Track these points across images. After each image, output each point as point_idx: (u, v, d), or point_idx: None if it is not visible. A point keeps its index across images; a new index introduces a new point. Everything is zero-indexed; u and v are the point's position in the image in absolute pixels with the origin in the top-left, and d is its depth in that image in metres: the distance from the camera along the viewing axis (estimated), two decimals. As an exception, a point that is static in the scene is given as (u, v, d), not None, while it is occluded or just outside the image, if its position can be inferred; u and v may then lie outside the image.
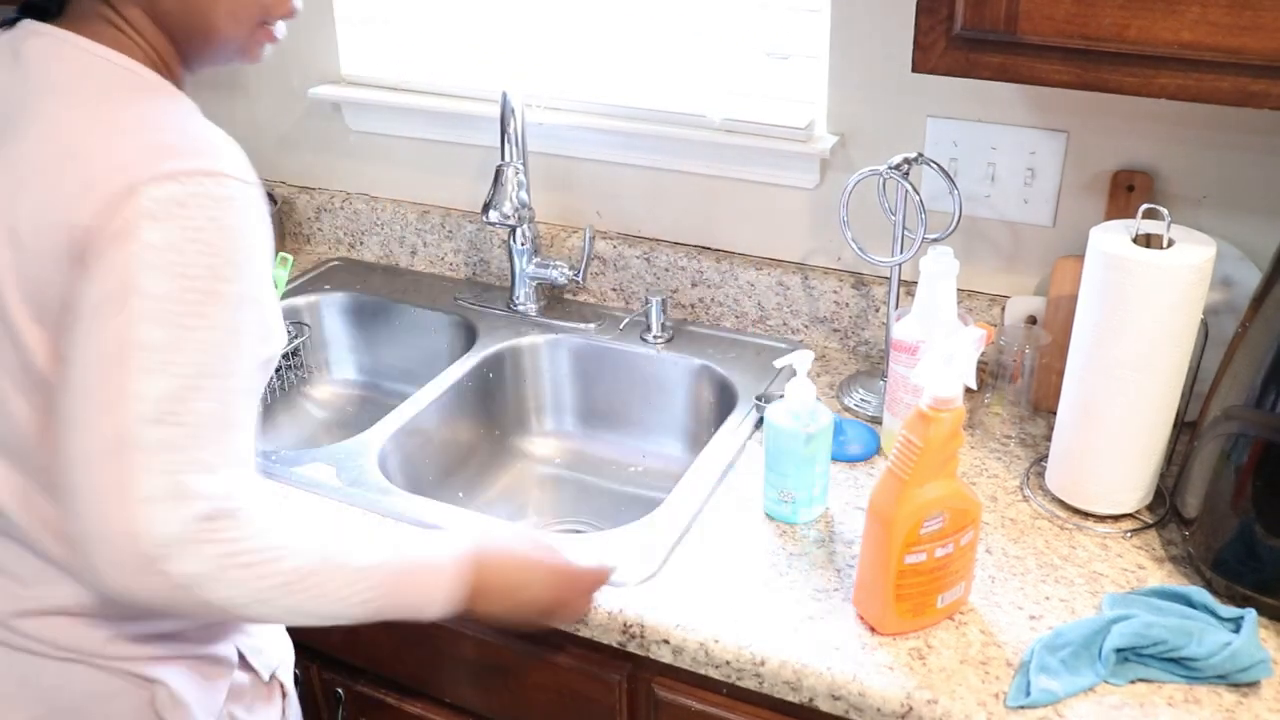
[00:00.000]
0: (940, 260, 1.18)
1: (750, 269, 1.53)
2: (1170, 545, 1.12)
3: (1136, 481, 1.13)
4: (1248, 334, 1.03)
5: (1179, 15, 0.92)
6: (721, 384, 1.47)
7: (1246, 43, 0.90)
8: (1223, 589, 1.04)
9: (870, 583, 1.01)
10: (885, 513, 0.96)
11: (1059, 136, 1.31)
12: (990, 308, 1.42)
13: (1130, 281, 1.03)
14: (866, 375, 1.44)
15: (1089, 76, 0.98)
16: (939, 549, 0.98)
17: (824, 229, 1.49)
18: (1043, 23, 0.97)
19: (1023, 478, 1.24)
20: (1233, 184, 1.26)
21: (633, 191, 1.59)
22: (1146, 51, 0.95)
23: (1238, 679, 0.94)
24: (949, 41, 1.02)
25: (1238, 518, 1.02)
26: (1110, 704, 0.93)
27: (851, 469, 1.26)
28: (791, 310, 1.54)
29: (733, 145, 1.47)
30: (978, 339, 0.99)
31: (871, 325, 1.49)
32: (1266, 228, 1.25)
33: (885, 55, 1.36)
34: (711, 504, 1.21)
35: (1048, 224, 1.37)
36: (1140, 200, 1.26)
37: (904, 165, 1.26)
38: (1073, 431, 1.14)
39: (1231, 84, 0.93)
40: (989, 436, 1.31)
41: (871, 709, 0.96)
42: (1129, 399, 1.08)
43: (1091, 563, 1.10)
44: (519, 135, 1.49)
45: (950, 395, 0.93)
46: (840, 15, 1.36)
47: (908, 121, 1.38)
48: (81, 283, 0.78)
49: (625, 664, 1.10)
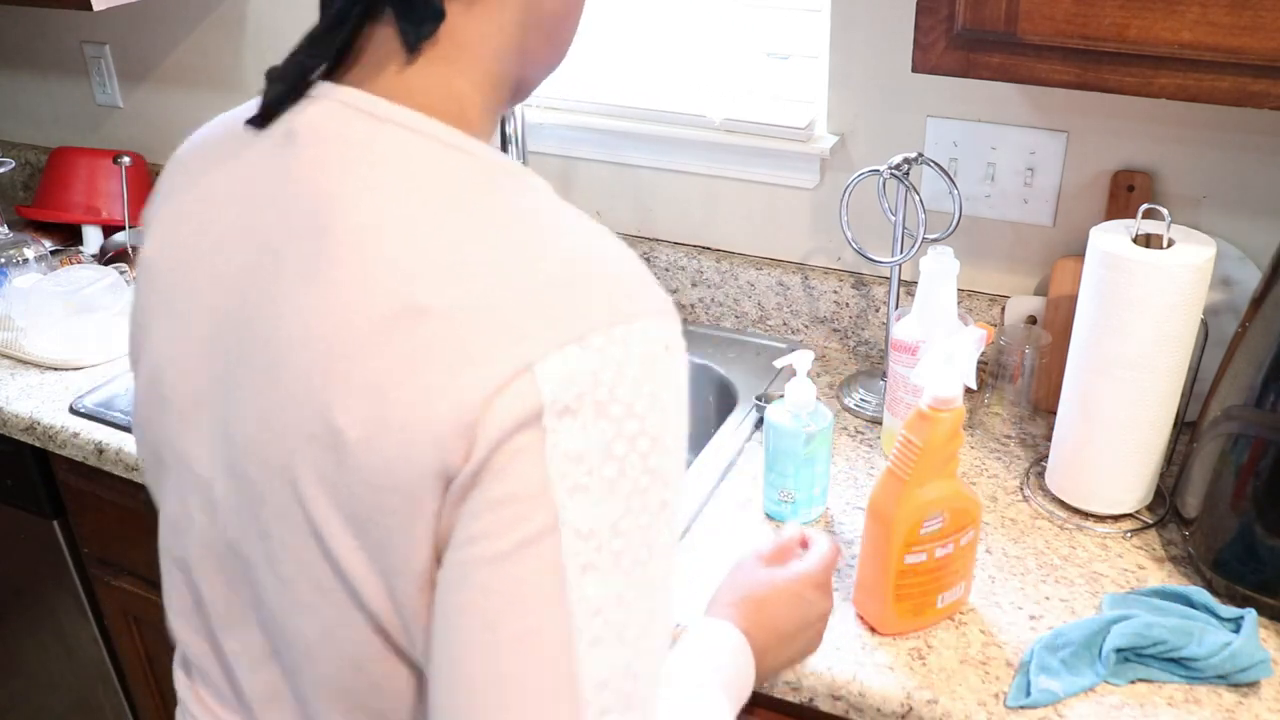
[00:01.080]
0: (940, 260, 1.18)
1: (750, 269, 1.53)
2: (1170, 545, 1.12)
3: (1136, 481, 1.13)
4: (1248, 334, 1.03)
5: (1179, 15, 0.92)
6: (721, 384, 1.47)
7: (1246, 43, 0.90)
8: (1223, 589, 1.04)
9: (870, 583, 1.01)
10: (885, 513, 0.96)
11: (1059, 136, 1.31)
12: (990, 308, 1.42)
13: (1130, 281, 1.04)
14: (866, 375, 1.44)
15: (1089, 76, 0.98)
16: (939, 549, 0.98)
17: (824, 229, 1.49)
18: (1042, 23, 0.97)
19: (1023, 478, 1.24)
20: (1233, 184, 1.26)
21: (633, 191, 1.59)
22: (1146, 51, 0.95)
23: (1238, 679, 0.94)
24: (949, 41, 1.02)
25: (1238, 517, 1.03)
26: (1110, 704, 0.93)
27: (851, 468, 1.26)
28: (791, 310, 1.54)
29: (733, 145, 1.47)
30: (978, 339, 0.99)
31: (871, 325, 1.49)
32: (1267, 228, 1.25)
33: (885, 55, 1.36)
34: (711, 504, 1.21)
35: (1048, 224, 1.37)
36: (1140, 200, 1.26)
37: (904, 165, 1.26)
38: (1073, 431, 1.14)
39: (1231, 84, 0.93)
40: (989, 436, 1.31)
41: (871, 709, 0.96)
42: (1129, 399, 1.08)
43: (1091, 563, 1.10)
44: (519, 135, 1.49)
45: (950, 395, 0.93)
46: (840, 15, 1.36)
47: (908, 121, 1.38)
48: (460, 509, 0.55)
49: (625, 664, 1.10)
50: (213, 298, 0.65)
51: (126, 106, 1.99)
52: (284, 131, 0.63)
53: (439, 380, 0.54)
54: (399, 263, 0.56)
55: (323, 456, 0.57)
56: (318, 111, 0.62)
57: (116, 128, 2.03)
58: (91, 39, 1.95)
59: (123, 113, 2.01)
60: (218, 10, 1.80)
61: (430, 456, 0.54)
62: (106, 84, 1.98)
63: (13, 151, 2.13)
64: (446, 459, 0.54)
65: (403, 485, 0.55)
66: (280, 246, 0.60)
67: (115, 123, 2.03)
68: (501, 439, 0.53)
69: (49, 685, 1.81)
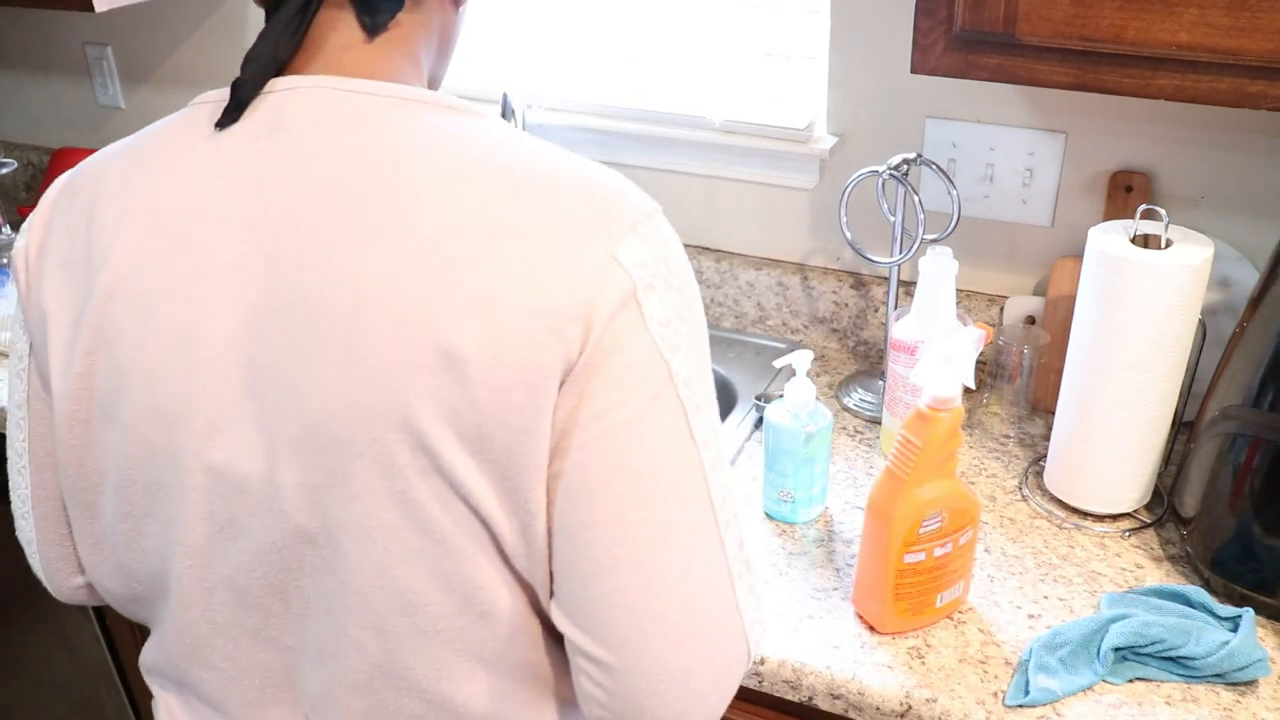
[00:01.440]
0: (939, 260, 1.18)
1: (750, 269, 1.54)
2: (1168, 544, 1.13)
3: (1135, 481, 1.13)
4: (1245, 334, 1.04)
5: (1177, 17, 0.92)
6: (721, 384, 1.48)
7: (1244, 44, 0.91)
8: (1221, 588, 1.04)
9: (869, 582, 1.01)
10: (884, 512, 0.96)
11: (1058, 137, 1.31)
12: (989, 308, 1.43)
13: (1128, 282, 1.04)
14: (866, 375, 1.45)
15: (1087, 77, 0.99)
16: (938, 548, 0.98)
17: (823, 229, 1.50)
18: (1041, 24, 0.97)
19: (1021, 477, 1.24)
20: (1231, 184, 1.26)
21: (633, 192, 1.59)
22: (1145, 53, 0.95)
23: (1235, 678, 0.95)
24: (948, 42, 1.02)
25: (1235, 517, 1.03)
26: (1108, 703, 0.94)
27: (850, 468, 1.26)
28: (791, 310, 1.54)
29: (732, 146, 1.47)
30: (976, 339, 0.99)
31: (871, 325, 1.50)
32: (1264, 228, 1.25)
33: (885, 56, 1.36)
34: (711, 503, 1.21)
35: (1046, 224, 1.37)
36: (1138, 201, 1.26)
37: (903, 166, 1.27)
38: (1071, 431, 1.14)
39: (1229, 85, 0.94)
40: (987, 436, 1.31)
41: (870, 708, 0.96)
42: (1127, 399, 1.09)
43: (1090, 562, 1.10)
44: (519, 136, 1.49)
45: (949, 395, 0.93)
46: (840, 16, 1.37)
47: (907, 122, 1.39)
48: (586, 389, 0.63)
49: (625, 663, 1.11)
50: (236, 297, 0.66)
51: (129, 107, 2.00)
52: (267, 122, 0.67)
53: (544, 280, 0.62)
54: (468, 196, 0.63)
55: (440, 382, 0.61)
56: (306, 99, 0.67)
57: (119, 129, 2.03)
58: (94, 40, 1.96)
59: (125, 114, 2.01)
60: (219, 12, 1.81)
61: (553, 346, 0.62)
62: (109, 85, 1.98)
63: (15, 152, 2.13)
64: (568, 346, 0.62)
65: (528, 380, 0.62)
66: (319, 221, 0.64)
67: (117, 124, 2.03)
68: (611, 317, 0.62)
69: (51, 684, 1.81)
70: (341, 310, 0.63)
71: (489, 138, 0.67)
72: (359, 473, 0.64)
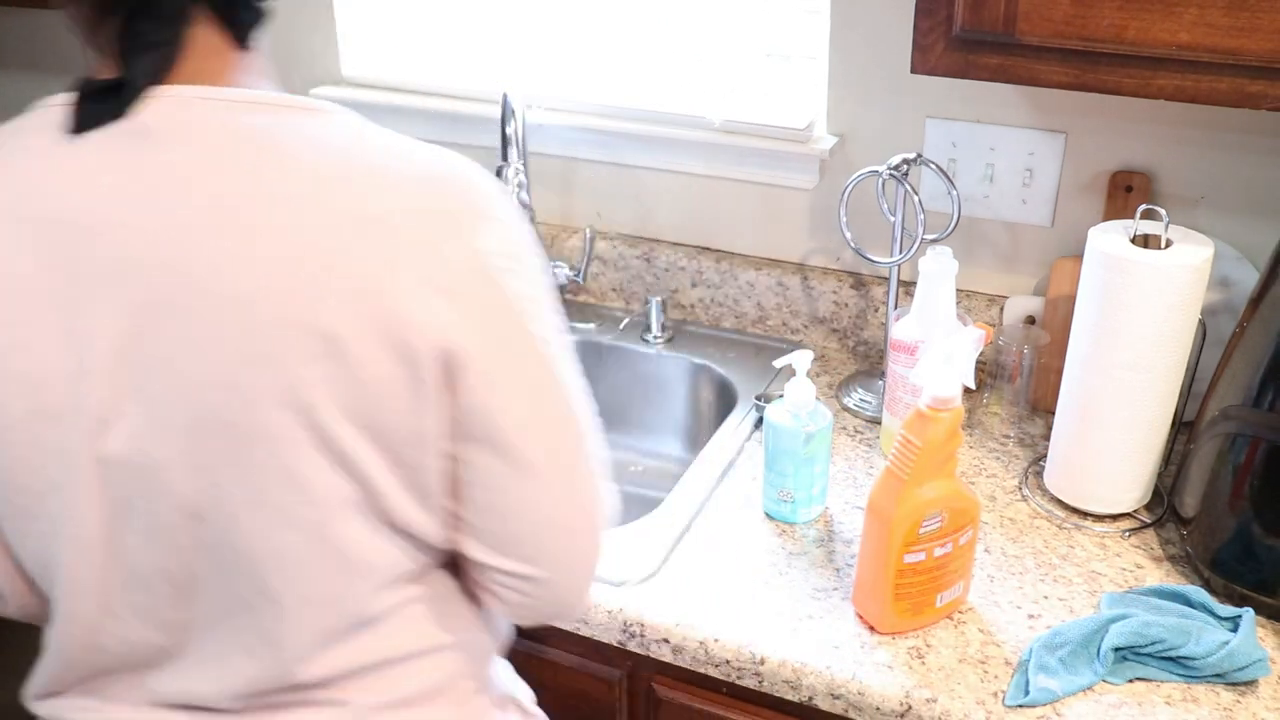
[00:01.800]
0: (939, 260, 1.18)
1: (750, 269, 1.54)
2: (1168, 544, 1.13)
3: (1135, 481, 1.13)
4: (1245, 334, 1.04)
5: (1177, 17, 0.92)
6: (721, 384, 1.48)
7: (1244, 44, 0.91)
8: (1220, 588, 1.04)
9: (869, 582, 1.01)
10: (884, 512, 0.96)
11: (1057, 137, 1.31)
12: (989, 308, 1.43)
13: (1128, 282, 1.04)
14: (866, 375, 1.45)
15: (1087, 77, 0.99)
16: (938, 548, 0.98)
17: (823, 229, 1.50)
18: (1041, 24, 0.97)
19: (1021, 477, 1.24)
20: (1231, 184, 1.26)
21: (632, 192, 1.59)
22: (1144, 53, 0.95)
23: (1235, 678, 0.95)
24: (948, 42, 1.02)
25: (1235, 517, 1.03)
26: (1108, 703, 0.94)
27: (850, 468, 1.26)
28: (791, 310, 1.54)
29: (732, 146, 1.47)
30: (976, 339, 0.99)
31: (871, 325, 1.50)
32: (1264, 228, 1.25)
33: (885, 56, 1.36)
34: (711, 503, 1.21)
35: (1046, 224, 1.37)
36: (1138, 201, 1.26)
37: (903, 166, 1.27)
38: (1071, 431, 1.14)
39: (1229, 85, 0.94)
40: (988, 436, 1.31)
41: (870, 708, 0.96)
42: (1127, 399, 1.09)
43: (1090, 562, 1.10)
44: (519, 136, 1.49)
45: (949, 395, 0.93)
46: (840, 16, 1.37)
47: (907, 122, 1.39)
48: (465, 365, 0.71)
49: (625, 662, 1.11)
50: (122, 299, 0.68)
51: (128, 107, 2.00)
52: (129, 129, 0.68)
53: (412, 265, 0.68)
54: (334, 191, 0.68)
55: (323, 363, 0.67)
56: (167, 107, 0.69)
57: (118, 128, 2.03)
58: (93, 40, 1.95)
59: (124, 113, 2.01)
60: (219, 11, 1.80)
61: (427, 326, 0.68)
62: (108, 85, 1.98)
63: (14, 152, 2.13)
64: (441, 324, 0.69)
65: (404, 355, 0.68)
66: (191, 222, 0.67)
67: (116, 123, 2.03)
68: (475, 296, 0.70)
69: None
70: (226, 304, 0.67)
71: (349, 133, 0.72)
72: (250, 451, 0.69)
